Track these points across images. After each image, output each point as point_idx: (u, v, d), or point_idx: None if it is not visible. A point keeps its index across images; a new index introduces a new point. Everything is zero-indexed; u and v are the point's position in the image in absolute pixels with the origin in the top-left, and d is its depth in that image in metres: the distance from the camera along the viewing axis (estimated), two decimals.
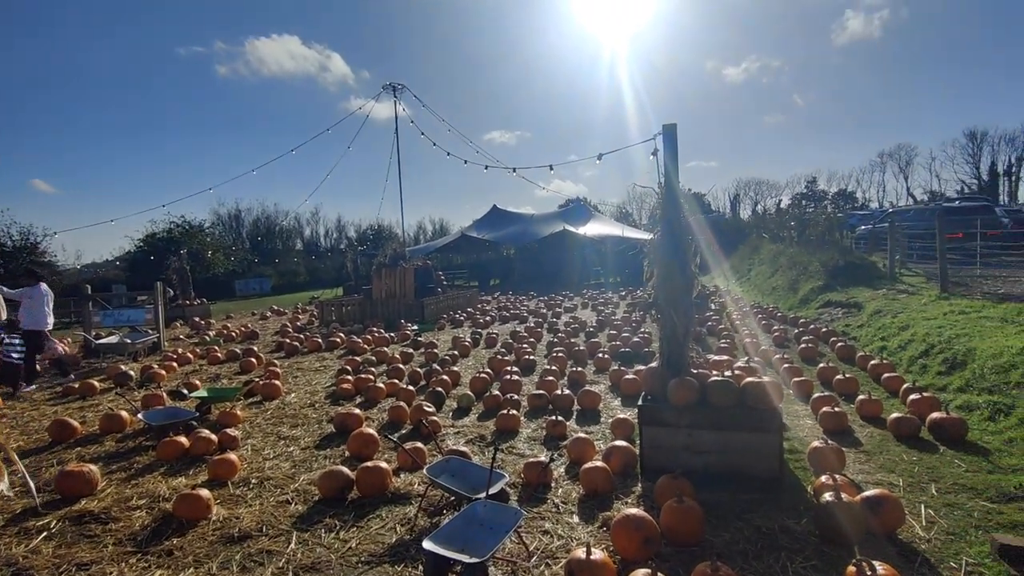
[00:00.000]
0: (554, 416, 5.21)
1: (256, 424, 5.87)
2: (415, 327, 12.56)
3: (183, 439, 4.97)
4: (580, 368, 7.40)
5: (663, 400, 4.19)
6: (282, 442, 5.23)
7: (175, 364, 9.25)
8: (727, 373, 4.28)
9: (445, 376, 7.03)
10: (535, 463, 3.99)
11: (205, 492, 3.72)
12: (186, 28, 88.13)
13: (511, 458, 4.56)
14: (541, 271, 26.16)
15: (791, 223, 22.52)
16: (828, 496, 3.08)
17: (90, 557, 3.20)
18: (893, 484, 3.72)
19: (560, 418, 5.15)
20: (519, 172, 14.02)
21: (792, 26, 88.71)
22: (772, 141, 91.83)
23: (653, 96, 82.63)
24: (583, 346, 8.86)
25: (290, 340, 10.99)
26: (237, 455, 4.62)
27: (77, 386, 7.65)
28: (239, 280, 33.54)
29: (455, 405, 6.20)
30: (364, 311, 15.03)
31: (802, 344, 8.11)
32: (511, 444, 4.89)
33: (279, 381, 7.29)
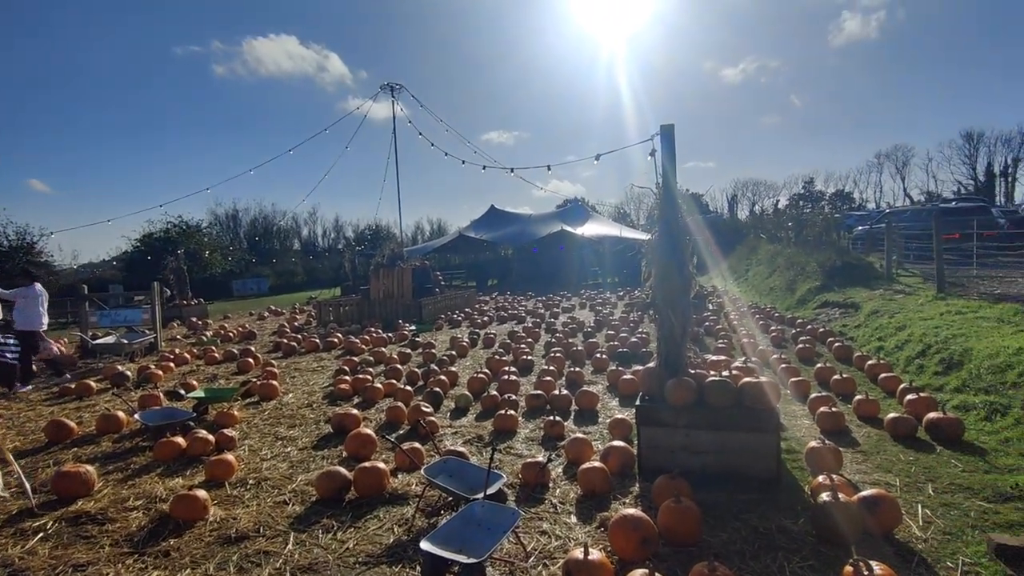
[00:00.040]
0: (552, 416, 5.21)
1: (253, 424, 5.86)
2: (413, 327, 12.56)
3: (180, 440, 4.97)
4: (578, 368, 7.41)
5: (661, 400, 4.19)
6: (279, 442, 5.23)
7: (172, 364, 9.22)
8: (725, 373, 4.29)
9: (443, 376, 7.03)
10: (533, 463, 3.99)
11: (202, 493, 3.72)
12: (183, 28, 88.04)
13: (509, 458, 4.56)
14: (539, 271, 26.17)
15: (788, 224, 22.51)
16: (825, 496, 3.09)
17: (86, 558, 3.19)
18: (890, 484, 3.73)
19: (558, 418, 5.15)
20: (517, 172, 14.09)
21: (789, 27, 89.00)
22: (769, 142, 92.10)
23: (651, 97, 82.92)
24: (581, 346, 8.86)
25: (288, 340, 10.98)
26: (234, 455, 4.61)
27: (74, 386, 7.63)
28: (236, 280, 33.49)
29: (453, 405, 6.20)
30: (362, 311, 15.02)
31: (799, 344, 8.13)
32: (509, 444, 4.89)
33: (276, 381, 7.28)
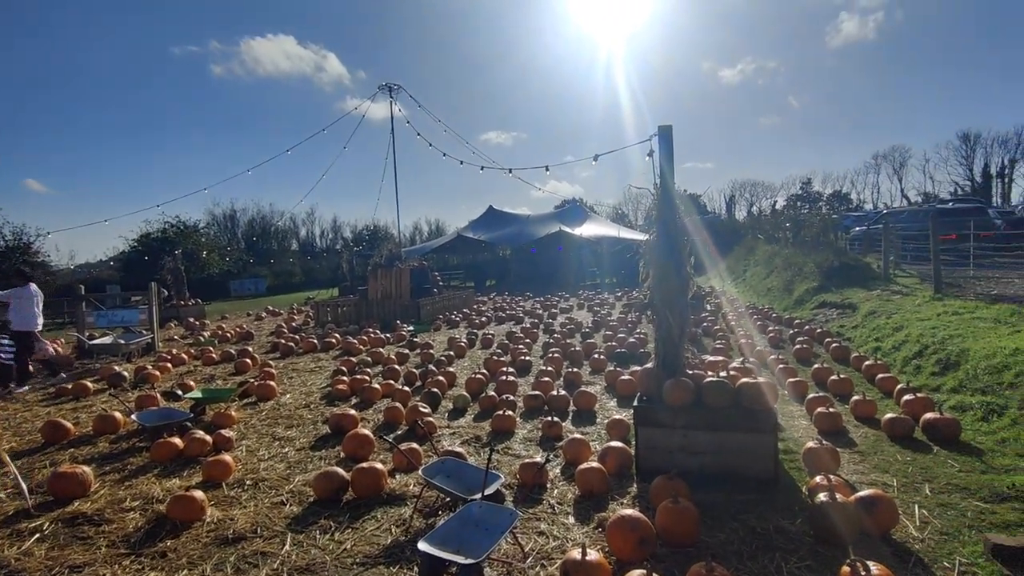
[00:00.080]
0: (550, 417, 5.21)
1: (251, 425, 5.85)
2: (411, 328, 12.56)
3: (177, 440, 4.95)
4: (576, 369, 7.41)
5: (659, 401, 4.19)
6: (277, 443, 5.22)
7: (169, 365, 9.20)
8: (722, 374, 4.29)
9: (441, 377, 7.02)
10: (531, 464, 3.99)
11: (199, 493, 3.70)
12: (181, 27, 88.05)
13: (507, 459, 4.56)
14: (537, 272, 26.17)
15: (786, 224, 22.58)
16: (823, 496, 3.10)
17: (83, 559, 3.19)
18: (887, 484, 3.74)
19: (556, 419, 5.15)
20: (515, 173, 14.10)
21: (787, 28, 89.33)
22: (767, 142, 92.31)
23: (649, 97, 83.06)
24: (579, 347, 8.86)
25: (285, 341, 10.97)
26: (232, 456, 4.60)
27: (70, 387, 7.61)
28: (234, 280, 33.46)
29: (451, 406, 6.19)
30: (360, 312, 15.00)
31: (797, 345, 8.15)
32: (507, 445, 4.88)
33: (274, 382, 7.27)
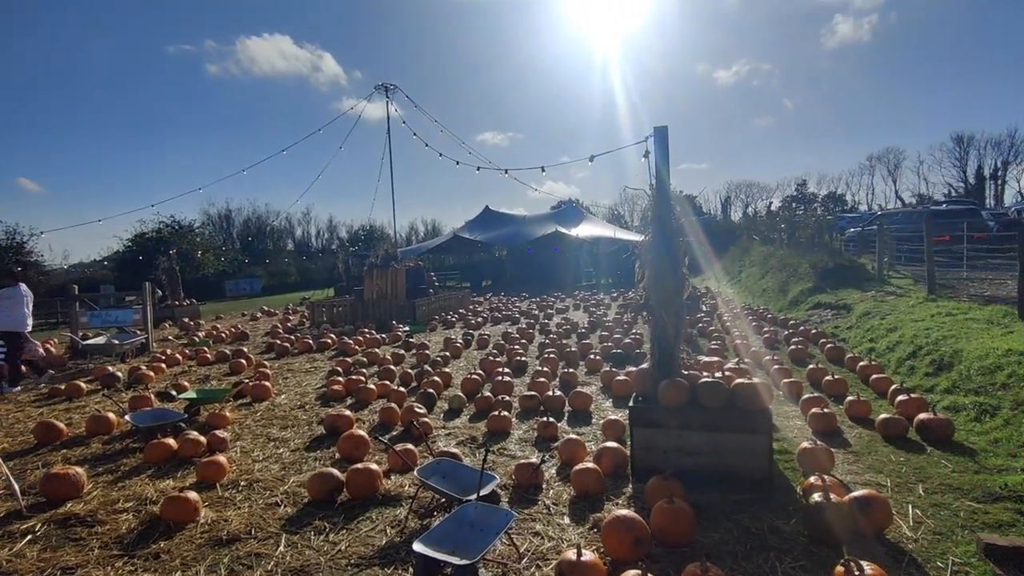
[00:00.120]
0: (545, 417, 5.20)
1: (245, 426, 5.83)
2: (406, 328, 12.54)
3: (171, 441, 4.92)
4: (572, 369, 7.41)
5: (654, 401, 4.20)
6: (271, 444, 5.20)
7: (163, 365, 9.16)
8: (718, 374, 4.30)
9: (436, 377, 7.01)
10: (526, 464, 3.98)
11: (193, 494, 3.68)
12: (176, 27, 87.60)
13: (502, 459, 4.55)
14: (533, 272, 26.18)
15: (781, 225, 22.68)
16: (817, 496, 3.11)
17: (76, 560, 3.16)
18: (881, 484, 3.75)
19: (551, 419, 5.15)
20: (511, 173, 14.09)
21: (782, 30, 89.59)
22: (762, 144, 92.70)
23: (645, 98, 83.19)
24: (575, 347, 8.87)
25: (280, 341, 10.93)
26: (226, 457, 4.58)
27: (63, 387, 7.56)
28: (229, 280, 33.36)
29: (446, 406, 6.18)
30: (355, 312, 14.97)
31: (792, 345, 8.18)
32: (502, 445, 4.88)
33: (269, 382, 7.25)
